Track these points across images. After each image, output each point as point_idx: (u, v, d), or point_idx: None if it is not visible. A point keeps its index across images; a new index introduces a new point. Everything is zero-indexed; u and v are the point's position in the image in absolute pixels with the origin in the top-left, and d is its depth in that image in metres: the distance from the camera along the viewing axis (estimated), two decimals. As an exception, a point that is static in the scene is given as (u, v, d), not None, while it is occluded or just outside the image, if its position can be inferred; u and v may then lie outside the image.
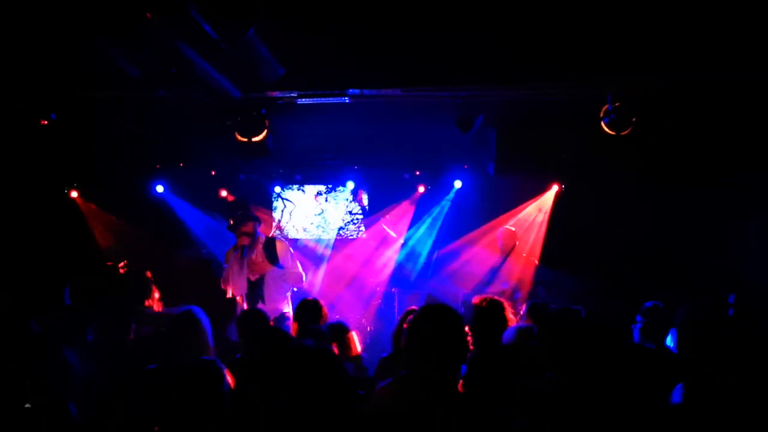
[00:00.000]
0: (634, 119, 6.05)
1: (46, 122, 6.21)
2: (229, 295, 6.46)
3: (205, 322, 3.99)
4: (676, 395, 2.85)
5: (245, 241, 6.34)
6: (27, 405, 2.61)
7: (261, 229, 6.57)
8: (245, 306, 6.33)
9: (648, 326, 4.36)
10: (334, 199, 9.30)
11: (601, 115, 6.16)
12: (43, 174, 8.17)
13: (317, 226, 9.31)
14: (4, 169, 7.63)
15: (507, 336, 3.87)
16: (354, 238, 9.31)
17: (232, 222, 6.60)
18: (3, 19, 4.70)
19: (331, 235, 9.26)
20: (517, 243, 7.82)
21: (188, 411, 3.20)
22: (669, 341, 4.31)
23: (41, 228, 8.28)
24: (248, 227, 6.37)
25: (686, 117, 6.64)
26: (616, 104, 6.06)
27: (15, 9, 4.59)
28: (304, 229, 9.31)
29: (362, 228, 9.33)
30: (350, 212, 9.34)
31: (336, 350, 3.95)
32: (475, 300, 4.21)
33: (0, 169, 7.59)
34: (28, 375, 2.83)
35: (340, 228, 9.30)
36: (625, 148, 6.54)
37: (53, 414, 2.68)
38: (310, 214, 9.34)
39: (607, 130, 6.14)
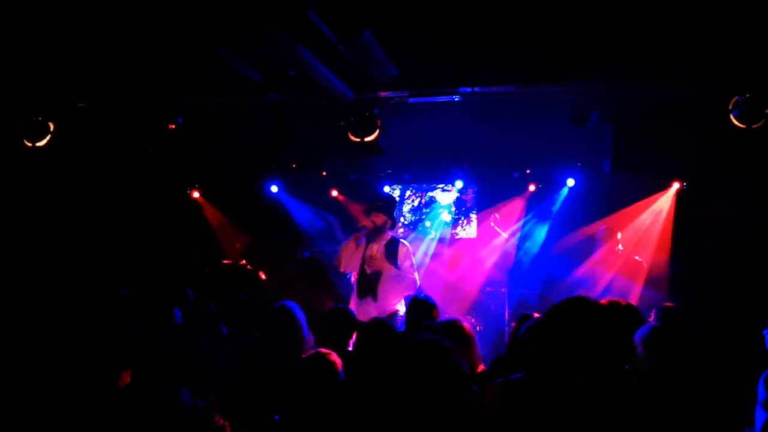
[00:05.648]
0: (767, 111, 5.67)
1: (173, 126, 6.59)
2: (341, 270, 6.61)
3: (300, 316, 4.10)
4: None
5: (369, 224, 6.40)
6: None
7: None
8: (356, 299, 6.37)
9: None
10: (443, 198, 9.28)
11: (730, 107, 5.80)
12: (168, 175, 8.68)
13: (425, 225, 9.33)
14: (135, 170, 8.17)
15: None
16: (463, 237, 9.25)
17: (366, 207, 6.60)
18: (130, 29, 4.98)
19: (439, 234, 9.25)
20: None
21: (304, 400, 3.31)
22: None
23: (168, 227, 8.80)
24: (379, 218, 6.41)
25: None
26: (747, 96, 5.69)
27: (140, 17, 4.84)
28: (412, 227, 9.36)
29: (471, 227, 9.26)
30: (459, 211, 9.31)
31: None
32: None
33: (131, 170, 8.14)
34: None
35: (449, 226, 9.28)
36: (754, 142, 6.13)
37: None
38: (419, 212, 9.38)
39: (736, 123, 5.78)
